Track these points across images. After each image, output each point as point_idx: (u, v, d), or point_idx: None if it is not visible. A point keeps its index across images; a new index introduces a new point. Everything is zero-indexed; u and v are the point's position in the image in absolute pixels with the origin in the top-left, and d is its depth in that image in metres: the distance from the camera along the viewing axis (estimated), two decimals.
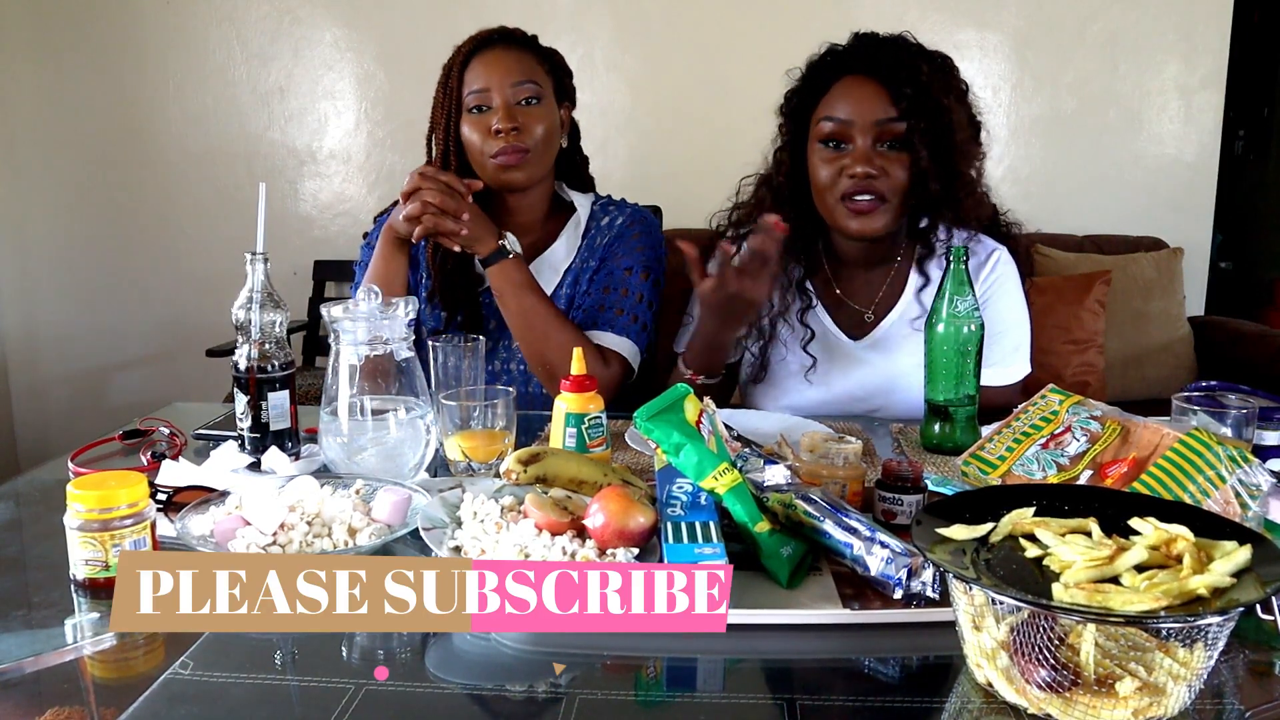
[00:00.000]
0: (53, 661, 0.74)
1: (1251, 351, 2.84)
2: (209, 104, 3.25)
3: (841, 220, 1.38)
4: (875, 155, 1.35)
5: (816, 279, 1.51)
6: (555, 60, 1.53)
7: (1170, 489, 0.88)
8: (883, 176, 1.35)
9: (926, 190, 1.35)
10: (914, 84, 1.33)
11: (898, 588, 0.78)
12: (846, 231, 1.40)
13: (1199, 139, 3.15)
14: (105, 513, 0.83)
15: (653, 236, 1.56)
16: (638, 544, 0.84)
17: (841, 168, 1.36)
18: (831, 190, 1.38)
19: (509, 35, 1.50)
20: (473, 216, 1.38)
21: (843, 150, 1.37)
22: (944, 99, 1.35)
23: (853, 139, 1.36)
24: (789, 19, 2.67)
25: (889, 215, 1.37)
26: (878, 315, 1.48)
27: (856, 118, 1.35)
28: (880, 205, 1.36)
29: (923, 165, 1.33)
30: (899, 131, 1.34)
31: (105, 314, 3.38)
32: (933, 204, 1.37)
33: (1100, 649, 0.65)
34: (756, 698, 0.71)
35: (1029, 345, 1.47)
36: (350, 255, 3.09)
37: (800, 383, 1.48)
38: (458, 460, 1.11)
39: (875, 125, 1.34)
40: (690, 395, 0.93)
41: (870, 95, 1.35)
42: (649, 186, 2.32)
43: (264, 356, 1.13)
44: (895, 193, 1.36)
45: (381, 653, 0.77)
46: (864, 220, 1.37)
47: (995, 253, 1.46)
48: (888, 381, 1.46)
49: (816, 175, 1.39)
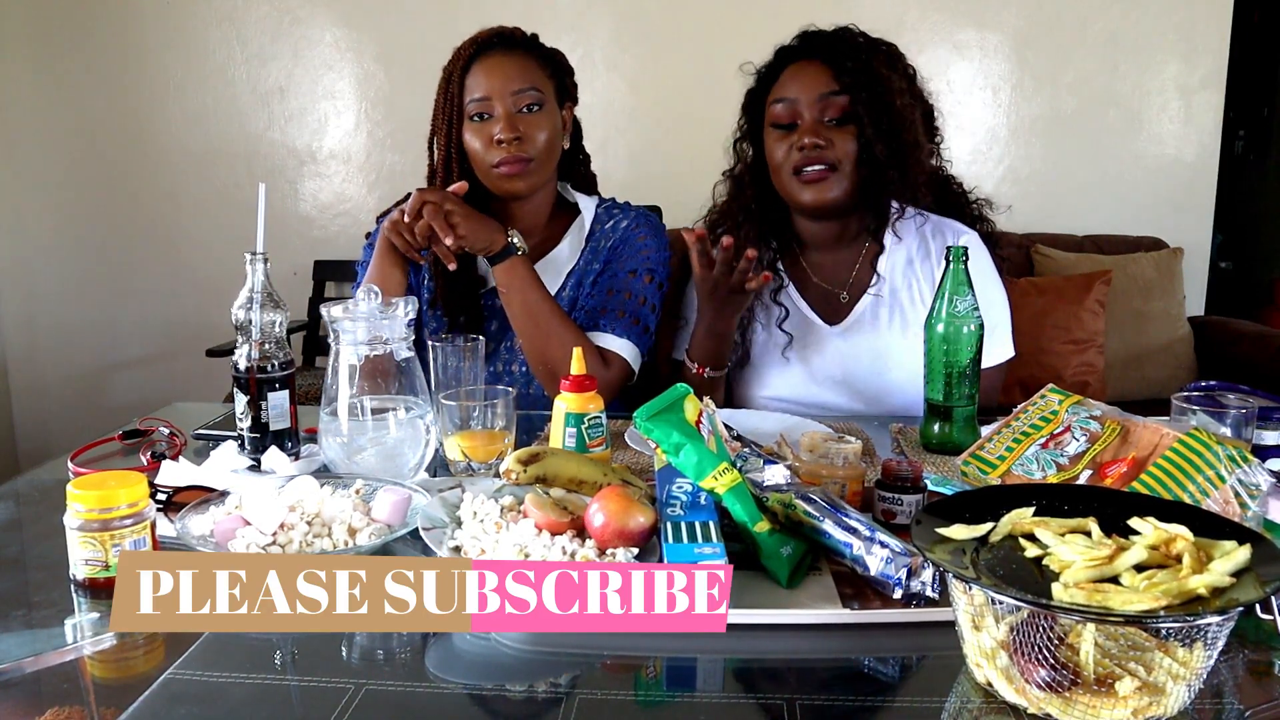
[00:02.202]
0: (53, 661, 0.74)
1: (1251, 351, 2.84)
2: (209, 104, 3.25)
3: (797, 194, 1.44)
4: (822, 129, 1.41)
5: (786, 260, 1.56)
6: (557, 61, 1.53)
7: (1170, 489, 0.88)
8: (830, 147, 1.41)
9: (873, 156, 1.40)
10: (855, 60, 1.41)
11: (897, 587, 0.78)
12: (802, 204, 1.45)
13: (1199, 139, 3.15)
14: (105, 513, 0.83)
15: (657, 240, 1.56)
16: (638, 544, 0.84)
17: (791, 144, 1.42)
18: (785, 167, 1.44)
19: (509, 38, 1.49)
20: (475, 220, 1.38)
21: (792, 131, 1.43)
22: (885, 73, 1.41)
23: (800, 115, 1.42)
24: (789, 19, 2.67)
25: (843, 184, 1.42)
26: (852, 296, 1.52)
27: (801, 95, 1.42)
28: (831, 174, 1.42)
29: (867, 134, 1.39)
30: (843, 104, 1.41)
31: (105, 313, 3.38)
32: (881, 172, 1.42)
33: (1100, 649, 0.65)
34: (756, 698, 0.71)
35: (1008, 326, 1.50)
36: (350, 255, 3.09)
37: (779, 361, 1.51)
38: (458, 460, 1.11)
39: (819, 100, 1.41)
40: (690, 395, 0.93)
41: (814, 74, 1.43)
42: (649, 186, 2.32)
43: (264, 356, 1.13)
44: (845, 160, 1.41)
45: (381, 653, 0.77)
46: (817, 189, 1.42)
47: (963, 235, 1.50)
48: (870, 363, 1.48)
49: (771, 156, 1.46)
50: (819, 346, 1.50)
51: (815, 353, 1.50)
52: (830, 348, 1.50)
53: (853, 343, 1.49)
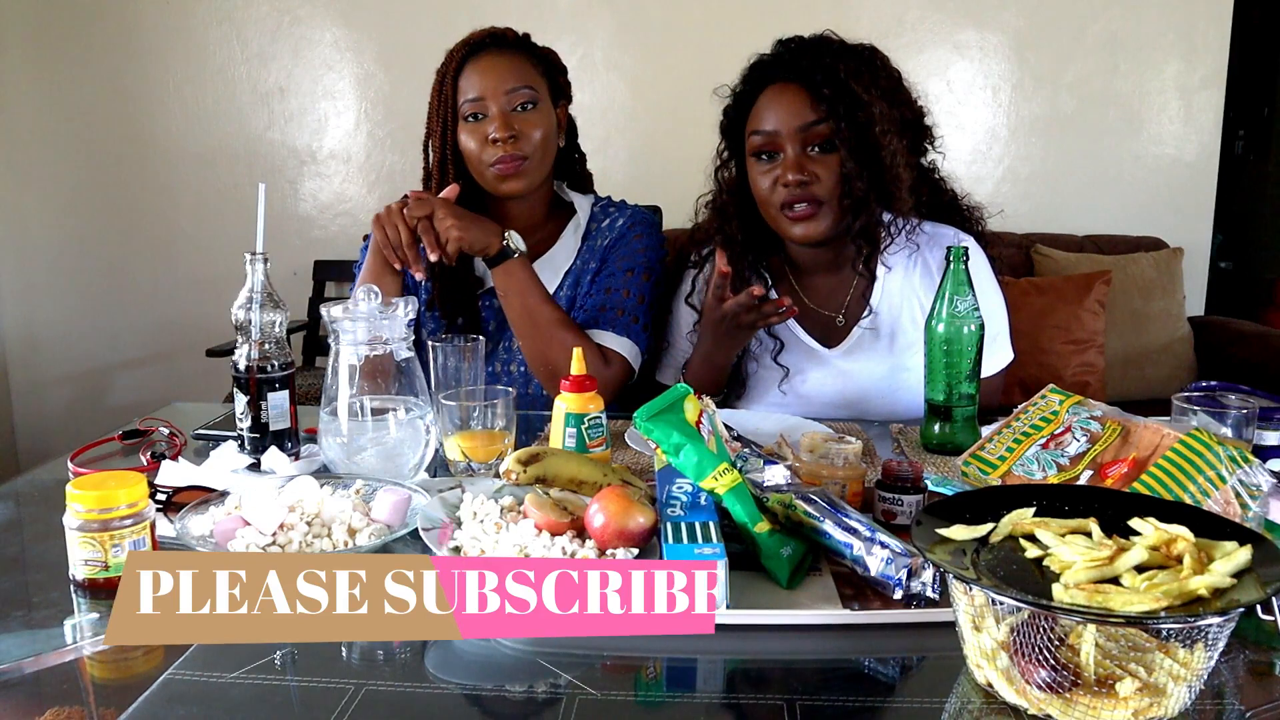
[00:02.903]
0: (53, 661, 0.74)
1: (1251, 351, 2.84)
2: (209, 104, 3.25)
3: (786, 229, 1.41)
4: (806, 160, 1.37)
5: (780, 287, 1.52)
6: (549, 59, 1.53)
7: (1170, 489, 0.88)
8: (815, 181, 1.36)
9: (855, 186, 1.36)
10: (833, 83, 1.35)
11: (898, 588, 0.78)
12: (792, 239, 1.43)
13: (1199, 139, 3.15)
14: (105, 513, 0.83)
15: (654, 238, 1.56)
16: (638, 544, 0.84)
17: (775, 178, 1.38)
18: (770, 201, 1.40)
19: (501, 39, 1.49)
20: (471, 222, 1.38)
21: (775, 160, 1.39)
22: (864, 94, 1.35)
23: (782, 147, 1.38)
24: (789, 19, 2.66)
25: (829, 218, 1.39)
26: (849, 319, 1.49)
27: (781, 126, 1.37)
28: (818, 210, 1.38)
29: (848, 166, 1.35)
30: (824, 133, 1.36)
31: (105, 314, 3.38)
32: (865, 197, 1.38)
33: (1100, 649, 0.65)
34: (756, 698, 0.71)
35: (1007, 332, 1.48)
36: (350, 255, 3.09)
37: (775, 394, 1.49)
38: (457, 460, 1.11)
39: (799, 132, 1.36)
40: (690, 395, 0.93)
41: (791, 101, 1.37)
42: (649, 186, 2.32)
43: (264, 356, 1.13)
44: (831, 195, 1.37)
45: (381, 653, 0.77)
46: (806, 226, 1.39)
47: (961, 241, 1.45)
48: (866, 388, 1.46)
49: (756, 188, 1.42)
50: (815, 373, 1.47)
51: (814, 382, 1.47)
52: (826, 373, 1.47)
53: (856, 364, 1.47)
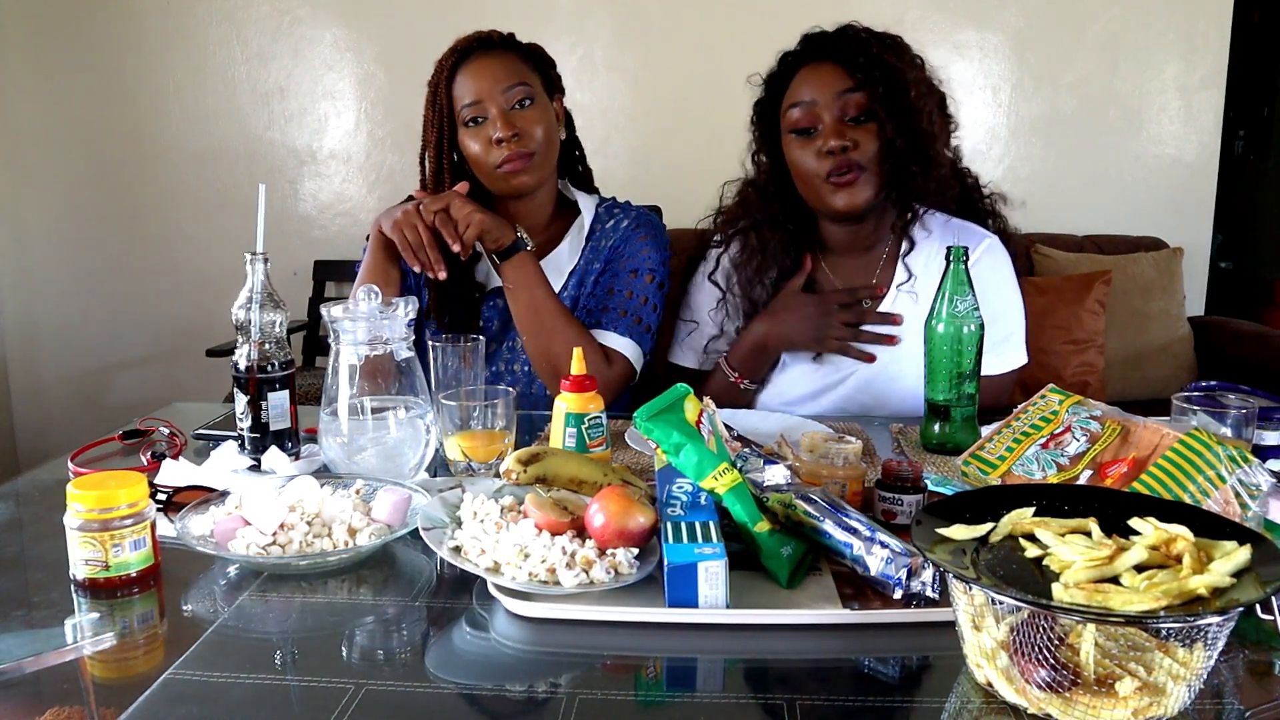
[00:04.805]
0: (53, 661, 0.74)
1: (1251, 351, 2.84)
2: (209, 104, 3.25)
3: (829, 199, 1.42)
4: (845, 128, 1.39)
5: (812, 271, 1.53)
6: (537, 54, 1.53)
7: (1170, 489, 0.88)
8: (856, 148, 1.38)
9: (896, 153, 1.38)
10: (867, 55, 1.38)
11: (898, 588, 0.78)
12: (835, 210, 1.43)
13: (1199, 139, 3.15)
14: (105, 513, 0.83)
15: (658, 239, 1.57)
16: (638, 544, 0.84)
17: (816, 149, 1.40)
18: (815, 173, 1.41)
19: (488, 41, 1.49)
20: (487, 213, 1.38)
21: (814, 135, 1.41)
22: (897, 65, 1.39)
23: (820, 118, 1.40)
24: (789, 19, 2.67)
25: (872, 184, 1.41)
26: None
27: (819, 96, 1.40)
28: (861, 174, 1.40)
29: (888, 129, 1.38)
30: (862, 100, 1.38)
31: (105, 314, 3.38)
32: (904, 165, 1.40)
33: (1100, 649, 0.65)
34: (756, 698, 0.71)
35: (1023, 334, 1.48)
36: (350, 255, 3.09)
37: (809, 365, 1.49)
38: (458, 460, 1.11)
39: (838, 98, 1.39)
40: (690, 395, 0.93)
41: (828, 74, 1.40)
42: (649, 186, 2.32)
43: (264, 356, 1.13)
44: (872, 160, 1.40)
45: (381, 653, 0.77)
46: (850, 193, 1.40)
47: (985, 240, 1.48)
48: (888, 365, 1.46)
49: (796, 165, 1.44)
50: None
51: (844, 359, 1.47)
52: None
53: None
